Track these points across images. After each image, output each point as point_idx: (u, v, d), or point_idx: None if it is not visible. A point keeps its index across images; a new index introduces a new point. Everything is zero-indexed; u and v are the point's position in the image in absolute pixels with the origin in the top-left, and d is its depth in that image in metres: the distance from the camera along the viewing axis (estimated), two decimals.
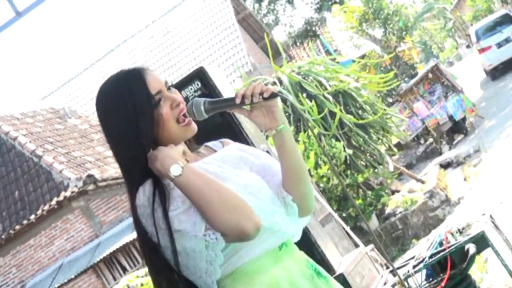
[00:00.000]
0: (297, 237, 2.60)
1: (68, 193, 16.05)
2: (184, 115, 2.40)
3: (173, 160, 2.23)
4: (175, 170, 2.21)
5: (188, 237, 2.24)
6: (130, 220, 14.25)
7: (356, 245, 9.85)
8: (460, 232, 4.93)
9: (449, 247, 4.57)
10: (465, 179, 12.87)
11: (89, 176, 15.99)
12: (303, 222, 2.61)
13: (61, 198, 16.07)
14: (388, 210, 11.88)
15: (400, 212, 11.66)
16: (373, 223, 11.63)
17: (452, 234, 4.88)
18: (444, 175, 13.98)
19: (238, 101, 2.33)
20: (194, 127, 2.44)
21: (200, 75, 5.43)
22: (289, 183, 2.44)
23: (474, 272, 6.29)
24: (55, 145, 18.21)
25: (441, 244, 4.74)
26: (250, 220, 2.22)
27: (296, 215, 2.48)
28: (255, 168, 2.50)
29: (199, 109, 2.38)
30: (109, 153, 18.85)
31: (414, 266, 4.48)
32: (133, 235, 14.55)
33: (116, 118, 2.36)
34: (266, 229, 2.34)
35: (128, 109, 2.34)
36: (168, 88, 2.43)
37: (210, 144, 2.62)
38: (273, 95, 2.33)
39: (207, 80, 5.40)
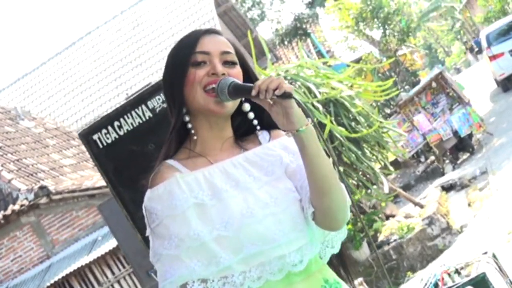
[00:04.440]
0: (336, 249, 2.63)
1: (17, 207, 15.95)
2: (213, 89, 2.44)
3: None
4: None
5: None
6: (86, 240, 14.16)
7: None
8: (459, 272, 4.94)
9: None
10: (469, 205, 12.90)
11: (42, 187, 15.90)
12: (337, 236, 2.62)
13: (8, 212, 15.96)
14: (381, 238, 11.88)
15: (395, 240, 11.67)
16: (364, 252, 11.64)
17: (449, 274, 4.89)
18: (446, 199, 14.01)
19: (254, 93, 2.33)
20: (220, 106, 2.47)
21: None
22: (312, 194, 2.41)
23: None
24: (4, 151, 18.11)
25: (436, 285, 4.75)
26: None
27: (313, 236, 2.47)
28: (289, 170, 2.52)
29: (223, 91, 2.42)
30: (66, 161, 18.82)
31: None
32: (89, 257, 14.45)
33: (165, 66, 2.65)
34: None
35: (168, 60, 2.63)
36: (226, 63, 2.52)
37: (259, 133, 2.62)
38: (286, 95, 2.27)
39: None
